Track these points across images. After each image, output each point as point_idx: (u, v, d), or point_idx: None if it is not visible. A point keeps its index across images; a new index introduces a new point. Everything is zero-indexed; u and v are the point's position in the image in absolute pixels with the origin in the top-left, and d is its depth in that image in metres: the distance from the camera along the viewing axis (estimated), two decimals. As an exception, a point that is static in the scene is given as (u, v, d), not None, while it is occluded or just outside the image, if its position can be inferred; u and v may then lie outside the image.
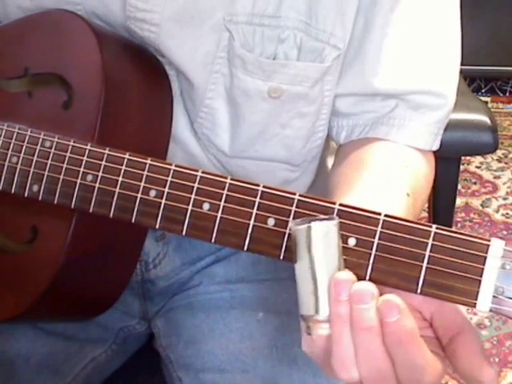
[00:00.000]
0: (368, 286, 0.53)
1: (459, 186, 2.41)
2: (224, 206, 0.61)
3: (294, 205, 0.58)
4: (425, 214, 2.29)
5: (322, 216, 0.56)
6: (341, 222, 0.56)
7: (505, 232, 2.24)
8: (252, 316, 0.88)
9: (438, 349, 0.57)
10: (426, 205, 1.63)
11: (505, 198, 2.39)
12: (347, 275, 0.54)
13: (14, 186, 0.74)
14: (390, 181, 0.74)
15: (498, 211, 2.33)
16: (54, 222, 0.74)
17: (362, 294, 0.53)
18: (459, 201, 2.35)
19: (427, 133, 0.81)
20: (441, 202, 1.09)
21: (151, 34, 0.78)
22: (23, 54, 0.81)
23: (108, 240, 0.76)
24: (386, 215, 0.55)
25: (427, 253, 0.54)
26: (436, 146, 0.83)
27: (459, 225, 2.26)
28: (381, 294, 0.55)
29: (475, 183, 2.47)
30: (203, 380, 0.85)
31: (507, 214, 2.32)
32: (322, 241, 0.54)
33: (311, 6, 0.77)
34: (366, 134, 0.82)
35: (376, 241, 0.55)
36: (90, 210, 0.69)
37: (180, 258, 0.91)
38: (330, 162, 0.95)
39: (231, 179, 0.62)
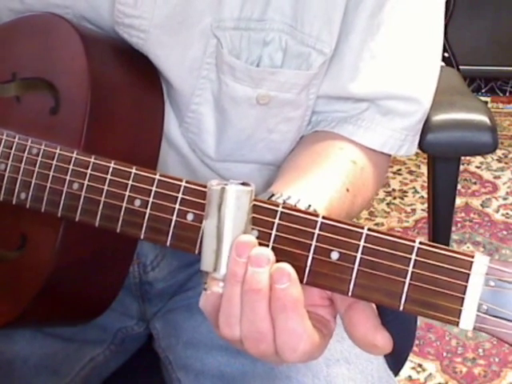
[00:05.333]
0: (266, 252, 0.56)
1: (459, 186, 2.41)
2: None
3: (277, 217, 0.58)
4: (425, 215, 2.30)
5: (237, 181, 0.58)
6: (321, 235, 0.56)
7: (505, 232, 2.24)
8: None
9: (325, 328, 0.60)
10: (426, 205, 1.62)
11: (505, 198, 2.39)
12: (250, 238, 0.57)
13: (2, 193, 0.74)
14: (330, 172, 0.77)
15: (498, 211, 2.33)
16: (43, 230, 0.74)
17: (259, 257, 0.56)
18: (459, 201, 2.35)
19: (392, 139, 0.82)
20: (440, 202, 1.08)
21: (139, 40, 0.78)
22: (11, 59, 0.81)
23: (99, 246, 0.76)
24: (368, 229, 0.55)
25: (410, 268, 0.53)
26: (405, 152, 0.84)
27: (459, 225, 2.26)
28: None
29: (475, 183, 2.47)
30: (203, 381, 0.84)
31: (507, 213, 2.32)
32: (232, 203, 0.57)
33: (297, 10, 0.77)
34: (332, 128, 0.82)
35: (359, 255, 0.55)
36: (76, 219, 0.68)
37: (178, 260, 0.91)
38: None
39: None
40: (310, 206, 0.66)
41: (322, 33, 0.77)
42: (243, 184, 0.58)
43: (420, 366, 1.80)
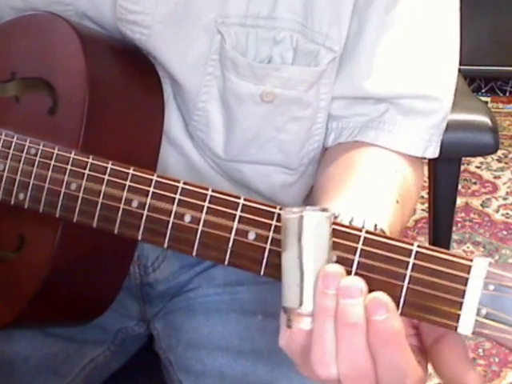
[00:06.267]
0: (357, 282, 0.53)
1: (459, 186, 2.40)
2: (205, 219, 0.60)
3: (275, 219, 0.57)
4: (425, 215, 2.29)
5: (314, 207, 0.54)
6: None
7: (505, 232, 2.23)
8: (251, 319, 0.87)
9: (421, 357, 0.56)
10: (426, 205, 1.62)
11: (505, 198, 2.39)
12: (337, 268, 0.53)
13: (0, 193, 0.74)
14: (381, 186, 0.73)
15: (498, 211, 2.32)
16: (41, 230, 0.74)
17: (351, 288, 0.52)
18: (459, 201, 2.34)
19: (418, 139, 0.79)
20: (441, 202, 1.08)
21: (142, 36, 0.78)
22: (10, 58, 0.81)
23: (97, 247, 0.76)
24: (367, 231, 0.54)
25: (408, 272, 0.52)
26: (431, 154, 0.81)
27: (459, 225, 2.26)
28: None
29: (475, 183, 2.46)
30: (204, 383, 0.85)
31: (507, 213, 2.31)
32: (313, 231, 0.53)
33: (307, 7, 0.75)
34: (354, 137, 0.80)
35: (357, 258, 0.54)
36: (74, 220, 0.68)
37: (179, 261, 0.91)
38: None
39: (212, 191, 0.61)
40: (376, 225, 0.62)
41: (332, 30, 0.76)
42: (320, 209, 0.54)
43: (420, 366, 1.80)
